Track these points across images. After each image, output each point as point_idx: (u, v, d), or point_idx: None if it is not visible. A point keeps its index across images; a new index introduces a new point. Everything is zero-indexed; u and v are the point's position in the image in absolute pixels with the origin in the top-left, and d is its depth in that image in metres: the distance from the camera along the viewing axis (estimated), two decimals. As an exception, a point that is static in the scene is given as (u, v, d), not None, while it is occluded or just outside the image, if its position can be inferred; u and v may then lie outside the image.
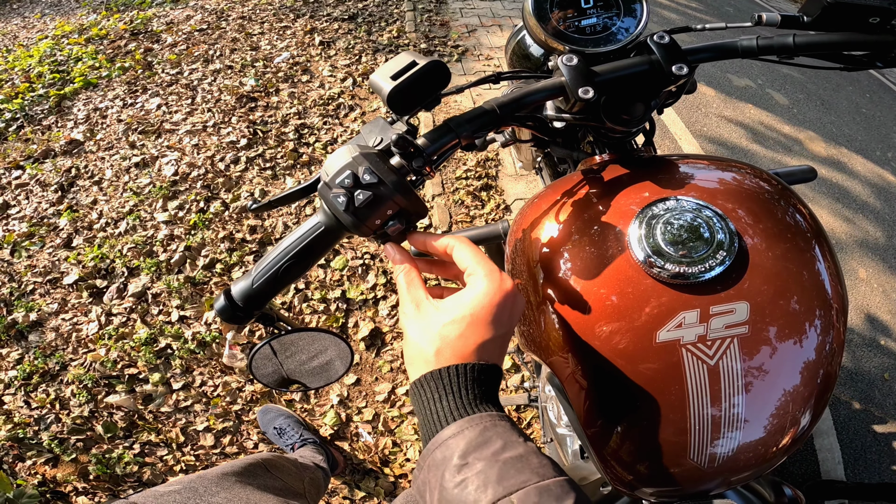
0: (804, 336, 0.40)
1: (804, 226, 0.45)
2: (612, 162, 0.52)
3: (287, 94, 2.45)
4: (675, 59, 0.45)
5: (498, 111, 0.42)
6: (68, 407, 1.34)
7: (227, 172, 2.02)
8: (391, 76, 0.40)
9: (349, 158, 0.36)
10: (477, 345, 0.32)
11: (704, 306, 0.38)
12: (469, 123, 0.41)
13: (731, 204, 0.44)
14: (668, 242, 0.40)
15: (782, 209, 0.45)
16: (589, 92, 0.43)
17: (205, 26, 3.03)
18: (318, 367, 0.45)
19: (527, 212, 0.53)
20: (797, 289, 0.40)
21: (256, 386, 1.39)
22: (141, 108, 2.41)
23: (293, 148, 2.13)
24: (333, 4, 3.26)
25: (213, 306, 0.39)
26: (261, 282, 0.37)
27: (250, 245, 1.72)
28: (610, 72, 0.46)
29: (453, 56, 2.76)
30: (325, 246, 0.38)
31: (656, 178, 0.47)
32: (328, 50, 2.80)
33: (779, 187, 0.48)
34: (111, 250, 1.72)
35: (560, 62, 0.45)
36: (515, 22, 3.22)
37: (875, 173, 2.65)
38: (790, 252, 0.42)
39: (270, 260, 0.37)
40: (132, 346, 1.44)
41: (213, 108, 2.37)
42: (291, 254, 0.37)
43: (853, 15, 0.46)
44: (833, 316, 0.42)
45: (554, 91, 0.45)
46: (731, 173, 0.48)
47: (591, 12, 0.50)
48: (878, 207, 2.42)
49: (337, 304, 1.58)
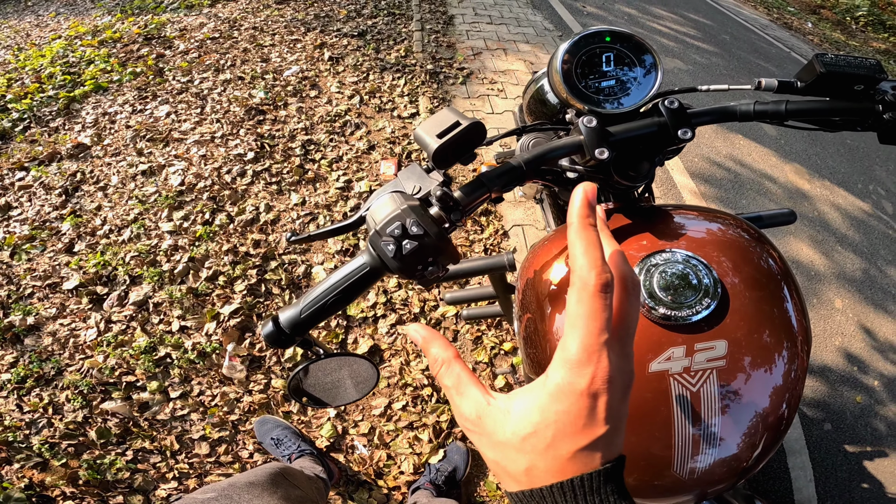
0: (773, 366, 0.47)
1: (775, 269, 0.52)
2: (616, 210, 0.58)
3: (295, 108, 2.51)
4: (681, 123, 0.50)
5: (524, 167, 0.46)
6: (62, 412, 1.35)
7: (234, 185, 2.06)
8: (437, 134, 0.44)
9: (397, 209, 0.40)
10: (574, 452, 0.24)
11: (690, 343, 0.45)
12: (499, 179, 0.46)
13: (716, 253, 0.50)
14: (662, 289, 0.47)
15: (758, 255, 0.52)
16: (605, 153, 0.47)
17: (217, 35, 3.09)
18: (346, 386, 0.49)
19: (538, 252, 0.60)
20: (768, 326, 0.47)
21: (255, 397, 1.41)
22: (150, 115, 2.44)
23: (299, 164, 2.17)
24: (343, 20, 3.34)
25: (261, 331, 0.43)
26: (308, 312, 0.41)
27: (254, 259, 1.75)
28: (623, 132, 0.50)
29: (458, 78, 2.83)
30: (369, 284, 0.42)
31: (654, 229, 0.53)
32: (337, 66, 2.86)
33: (755, 235, 0.55)
34: (114, 258, 1.74)
35: (581, 123, 0.49)
36: (519, 47, 3.31)
37: (855, 206, 2.75)
38: (763, 294, 0.49)
39: (319, 294, 0.41)
40: (131, 354, 1.46)
41: (222, 119, 2.41)
42: (338, 290, 0.41)
43: (842, 82, 0.52)
44: (798, 347, 0.49)
45: (573, 149, 0.50)
46: (716, 224, 0.55)
47: (610, 74, 0.54)
48: (856, 240, 2.51)
49: (337, 320, 1.61)
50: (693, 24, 4.79)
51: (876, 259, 2.43)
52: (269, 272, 1.72)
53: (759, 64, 4.28)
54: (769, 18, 6.07)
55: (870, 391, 1.89)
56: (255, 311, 1.61)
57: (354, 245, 1.86)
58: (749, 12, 6.07)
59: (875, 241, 2.54)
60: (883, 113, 0.50)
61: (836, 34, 6.43)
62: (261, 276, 1.71)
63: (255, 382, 1.45)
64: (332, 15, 3.40)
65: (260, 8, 3.46)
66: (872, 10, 8.03)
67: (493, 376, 1.53)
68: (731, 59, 4.15)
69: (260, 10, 3.41)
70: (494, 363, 1.56)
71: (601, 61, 0.54)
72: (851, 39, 6.47)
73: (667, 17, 4.77)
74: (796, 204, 2.61)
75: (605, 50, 0.54)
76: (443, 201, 0.42)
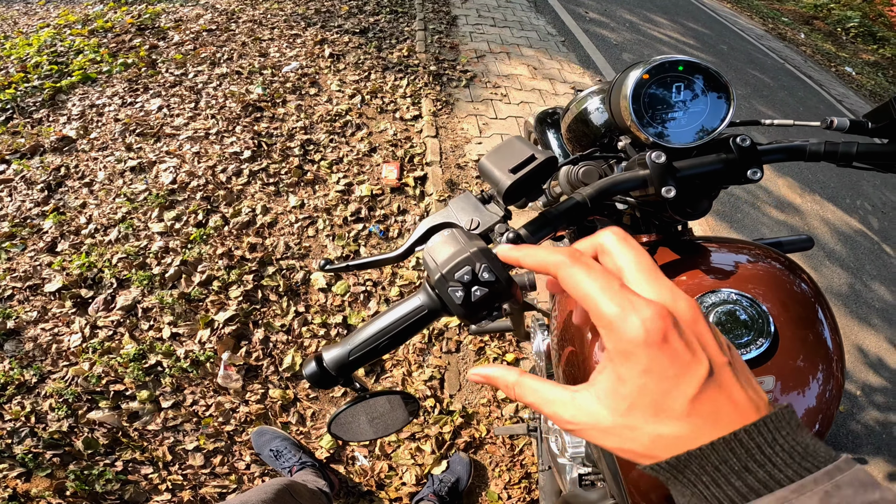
0: (814, 391, 0.49)
1: (810, 294, 0.53)
2: (659, 243, 0.57)
3: (294, 106, 2.44)
4: (752, 162, 0.47)
5: (589, 203, 0.44)
6: (45, 421, 1.29)
7: (229, 185, 1.99)
8: (510, 169, 0.41)
9: (465, 251, 0.36)
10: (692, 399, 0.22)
11: None
12: (565, 216, 0.43)
13: (763, 289, 0.51)
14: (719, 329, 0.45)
15: (795, 284, 0.53)
16: (671, 191, 0.45)
17: (214, 27, 3.00)
18: (385, 419, 0.47)
19: None
20: (811, 354, 0.49)
21: (252, 407, 1.36)
22: (141, 109, 2.36)
23: (298, 164, 2.11)
24: (345, 16, 3.28)
25: (303, 370, 0.41)
26: (357, 355, 0.39)
27: (250, 264, 1.69)
28: (689, 169, 0.48)
29: (462, 82, 2.80)
30: (424, 326, 0.39)
31: (702, 266, 0.53)
32: (337, 63, 2.80)
33: (787, 263, 0.56)
34: (99, 259, 1.67)
35: (649, 158, 0.47)
36: (523, 51, 3.29)
37: (843, 220, 2.80)
38: (804, 323, 0.50)
39: (370, 336, 0.39)
40: (119, 362, 1.39)
41: (218, 115, 2.34)
42: (392, 333, 0.38)
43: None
44: (834, 367, 0.51)
45: (637, 184, 0.47)
46: (755, 257, 0.55)
47: (678, 105, 0.52)
48: (843, 255, 2.55)
49: (337, 329, 1.57)
50: (692, 33, 4.84)
51: (861, 274, 2.47)
52: (266, 278, 1.66)
53: (755, 75, 4.34)
54: (764, 29, 6.17)
55: (852, 400, 1.94)
56: (252, 319, 1.56)
57: (355, 251, 1.81)
58: (745, 22, 6.16)
59: (861, 257, 2.59)
60: None
61: (827, 45, 6.57)
62: (257, 282, 1.65)
63: (251, 392, 1.40)
64: (333, 10, 3.33)
65: (259, 0, 3.38)
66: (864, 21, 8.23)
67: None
68: (728, 70, 4.19)
69: (259, 3, 3.33)
70: None
71: (670, 91, 0.52)
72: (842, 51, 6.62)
73: (667, 25, 4.80)
74: (789, 218, 2.64)
75: (676, 79, 0.52)
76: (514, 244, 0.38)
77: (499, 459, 1.36)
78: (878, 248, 2.74)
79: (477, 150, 2.36)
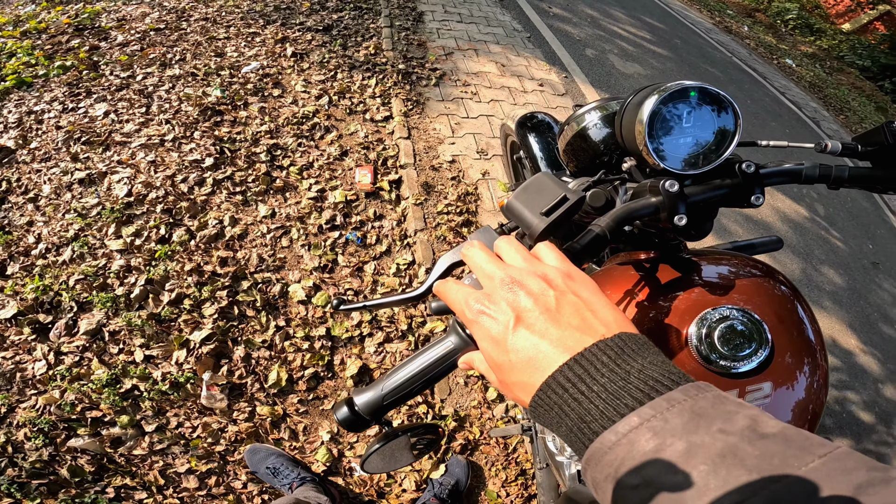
0: (805, 387, 0.53)
1: (790, 295, 0.58)
2: (659, 260, 0.60)
3: (257, 108, 2.38)
4: (755, 187, 0.51)
5: (609, 235, 0.45)
6: (23, 450, 1.23)
7: (191, 196, 1.92)
8: (543, 212, 0.40)
9: None
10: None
11: (742, 386, 0.51)
12: (587, 251, 0.44)
13: (757, 300, 0.55)
14: (722, 343, 0.51)
15: (778, 288, 0.58)
16: (683, 220, 0.47)
17: (162, 26, 2.85)
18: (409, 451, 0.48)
19: None
20: (800, 353, 0.54)
21: (241, 426, 1.35)
22: (84, 115, 2.22)
23: (266, 171, 2.07)
24: (307, 13, 3.20)
25: (335, 415, 0.41)
26: (392, 399, 0.40)
27: (222, 279, 1.65)
28: (698, 195, 0.50)
29: (431, 80, 2.82)
30: (457, 366, 0.40)
31: (701, 282, 0.57)
32: (301, 62, 2.74)
33: (768, 270, 0.61)
34: (55, 281, 1.57)
35: (663, 187, 0.49)
36: (490, 48, 3.34)
37: (791, 208, 3.06)
38: (791, 325, 0.55)
39: (405, 380, 0.40)
40: (92, 388, 1.34)
41: (173, 120, 2.24)
42: (427, 377, 0.40)
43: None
44: (818, 358, 0.55)
45: (650, 211, 0.49)
46: (746, 269, 0.60)
47: (689, 130, 0.53)
48: (793, 241, 2.79)
49: (322, 341, 1.56)
50: (648, 28, 5.07)
51: (811, 259, 2.72)
52: (241, 293, 1.63)
53: (707, 69, 4.61)
54: (712, 22, 6.55)
55: None
56: (230, 336, 1.52)
57: (332, 260, 1.80)
58: (695, 16, 6.51)
59: (810, 242, 2.84)
60: None
61: (768, 38, 7.05)
62: (232, 298, 1.61)
63: (238, 411, 1.38)
64: (293, 7, 3.24)
65: (211, -3, 3.24)
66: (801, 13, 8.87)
67: (485, 390, 1.55)
68: (682, 65, 4.43)
69: (212, 0, 3.18)
70: (486, 377, 1.59)
71: (679, 116, 0.53)
72: (782, 43, 7.13)
73: (625, 20, 5.01)
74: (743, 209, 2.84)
75: (685, 105, 0.53)
76: None
77: (494, 459, 1.42)
78: (825, 233, 3.01)
79: (450, 150, 2.39)
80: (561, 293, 0.30)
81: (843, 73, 6.90)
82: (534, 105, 2.90)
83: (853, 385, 2.20)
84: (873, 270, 2.96)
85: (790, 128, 4.26)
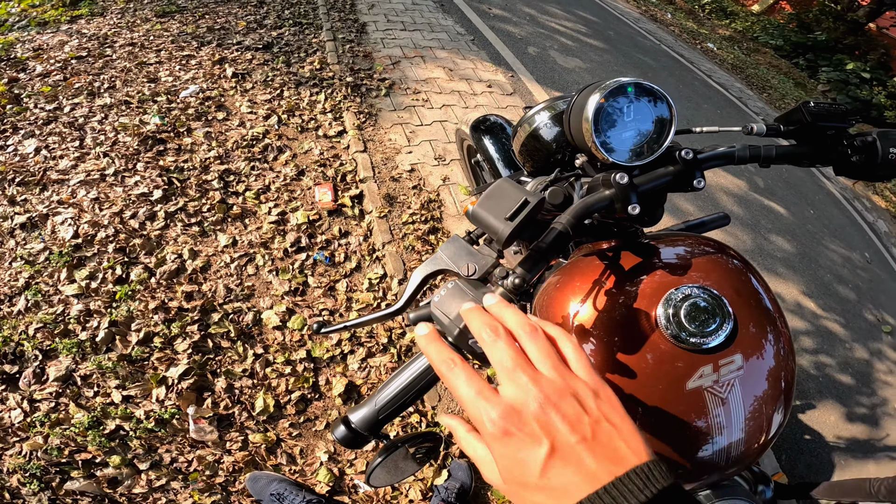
0: (773, 354, 0.57)
1: (743, 269, 0.63)
2: (621, 247, 0.64)
3: (202, 133, 2.36)
4: (695, 172, 0.56)
5: (570, 231, 0.48)
6: (21, 496, 1.22)
7: (144, 232, 1.89)
8: (507, 217, 0.42)
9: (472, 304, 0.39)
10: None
11: (715, 361, 0.55)
12: (553, 247, 0.47)
13: (716, 277, 0.59)
14: (689, 321, 0.54)
15: (733, 264, 0.63)
16: (637, 208, 0.51)
17: (84, 53, 2.73)
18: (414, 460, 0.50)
19: (558, 294, 0.64)
20: (761, 324, 0.58)
21: (236, 455, 1.38)
22: (14, 153, 2.11)
23: (220, 199, 2.06)
24: (244, 32, 3.17)
25: (333, 434, 0.43)
26: (387, 413, 0.43)
27: (191, 314, 1.65)
28: (646, 184, 0.55)
29: (381, 90, 2.89)
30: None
31: (663, 265, 0.61)
32: (243, 83, 2.73)
33: (721, 247, 0.66)
34: (13, 332, 1.52)
35: (614, 180, 0.52)
36: (436, 54, 3.46)
37: (734, 183, 3.39)
38: (749, 298, 0.59)
39: (395, 394, 0.43)
40: (75, 432, 1.34)
41: (111, 153, 2.18)
42: (415, 389, 0.43)
43: (820, 128, 0.59)
44: (780, 325, 0.59)
45: (606, 204, 0.52)
46: (702, 248, 0.65)
47: (631, 124, 0.58)
48: (741, 214, 3.11)
49: (304, 364, 1.61)
50: (583, 21, 5.40)
51: (759, 229, 3.04)
52: (212, 326, 1.64)
53: (640, 58, 4.99)
54: (639, 12, 7.04)
55: None
56: (209, 369, 1.54)
57: (303, 283, 1.85)
58: (623, 6, 6.97)
59: (756, 213, 3.17)
60: (851, 157, 0.60)
61: (690, 23, 7.66)
62: (204, 332, 1.62)
63: (231, 441, 1.40)
64: (228, 27, 3.20)
65: (137, 22, 3.13)
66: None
67: None
68: (618, 55, 4.77)
69: (138, 25, 3.08)
70: None
71: (621, 111, 0.57)
72: (702, 27, 7.76)
73: (562, 15, 5.30)
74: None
75: (625, 99, 0.57)
76: (513, 288, 0.42)
77: None
78: (768, 202, 3.36)
79: (409, 159, 2.48)
80: (596, 421, 0.30)
81: (759, 53, 7.63)
82: (485, 107, 3.05)
83: (824, 348, 2.41)
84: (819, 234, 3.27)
85: (721, 108, 4.68)
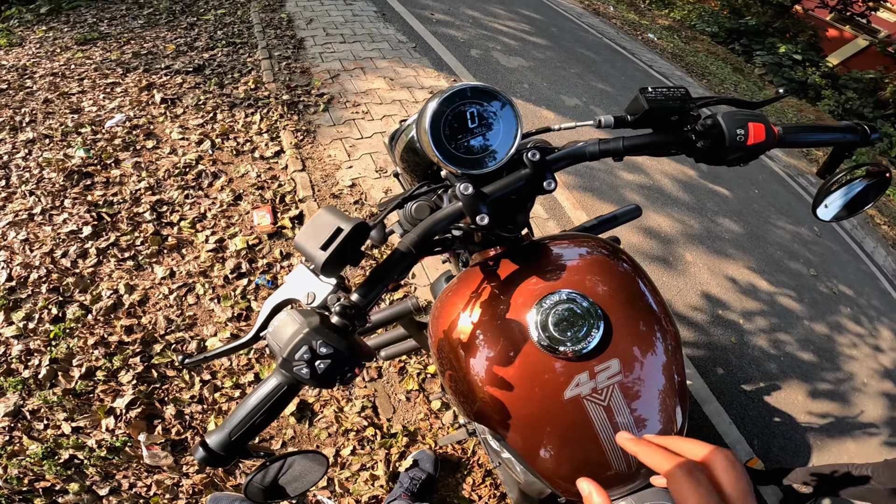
0: (656, 352, 0.57)
1: (630, 271, 0.63)
2: (503, 255, 0.65)
3: (131, 164, 2.34)
4: (545, 173, 0.56)
5: (415, 251, 0.48)
6: None
7: (76, 270, 1.89)
8: (321, 246, 0.44)
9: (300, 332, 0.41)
10: None
11: (591, 368, 0.55)
12: (393, 270, 0.47)
13: (591, 281, 0.59)
14: (558, 327, 0.55)
15: (617, 265, 0.63)
16: (485, 219, 0.51)
17: (4, 86, 2.65)
18: (300, 477, 0.52)
19: (445, 304, 0.66)
20: (642, 325, 0.58)
21: (194, 478, 1.42)
22: (-71, 202, 2.05)
23: (154, 231, 2.07)
24: (173, 56, 3.14)
25: (195, 457, 0.45)
26: (238, 434, 0.44)
27: (132, 347, 1.67)
28: (497, 191, 0.54)
29: (319, 106, 2.93)
30: (290, 398, 0.44)
31: (539, 270, 0.61)
32: (174, 108, 2.72)
33: (611, 248, 0.66)
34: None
35: (458, 191, 0.52)
36: (377, 64, 3.52)
37: (677, 169, 3.59)
38: (630, 300, 0.59)
39: (244, 417, 0.44)
40: (31, 462, 1.37)
41: (37, 191, 2.15)
42: (262, 411, 0.44)
43: (662, 114, 0.59)
44: (664, 324, 0.59)
45: (455, 218, 0.52)
46: (584, 250, 0.65)
47: (477, 130, 0.56)
48: (687, 199, 3.30)
49: (252, 387, 1.65)
50: (527, 20, 5.57)
51: (706, 212, 3.22)
52: (155, 356, 1.66)
53: (582, 53, 5.19)
54: (581, 7, 7.29)
55: (738, 329, 2.35)
56: (156, 398, 1.57)
57: (247, 308, 1.88)
58: (566, 2, 7.20)
59: (702, 197, 3.36)
60: (696, 142, 0.61)
61: (631, 15, 7.98)
62: (147, 363, 1.64)
63: (187, 464, 1.44)
64: (155, 52, 3.16)
65: (57, 51, 3.04)
66: (655, -13, 10.00)
67: (429, 401, 1.72)
68: (561, 52, 4.95)
69: (58, 54, 3.00)
70: (425, 388, 1.76)
71: (467, 119, 0.55)
72: (643, 18, 8.11)
73: (505, 15, 5.45)
74: (636, 177, 3.27)
75: (470, 106, 0.56)
76: (344, 313, 0.44)
77: (455, 464, 1.58)
78: (712, 187, 3.55)
79: (349, 174, 2.53)
80: None
81: (697, 41, 8.05)
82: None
83: (781, 326, 2.55)
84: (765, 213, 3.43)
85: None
